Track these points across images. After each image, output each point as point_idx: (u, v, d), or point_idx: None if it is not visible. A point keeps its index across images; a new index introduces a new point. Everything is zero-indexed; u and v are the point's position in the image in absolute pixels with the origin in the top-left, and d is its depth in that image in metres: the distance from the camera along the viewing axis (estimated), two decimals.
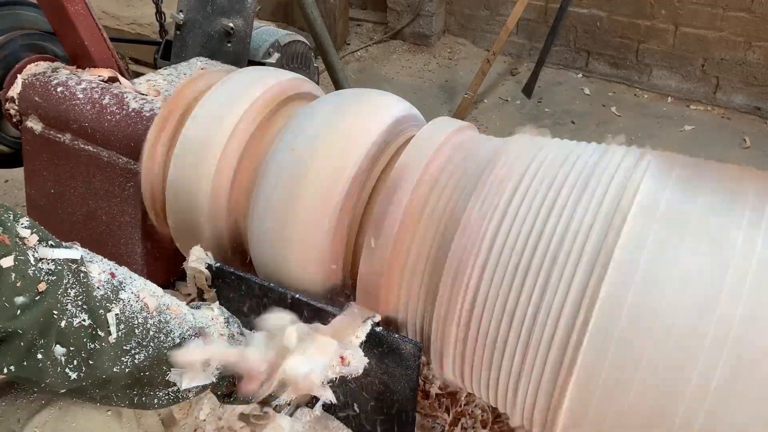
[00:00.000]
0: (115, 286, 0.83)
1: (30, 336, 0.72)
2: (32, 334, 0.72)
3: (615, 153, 1.12)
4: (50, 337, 0.74)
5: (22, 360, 0.73)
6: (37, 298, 0.72)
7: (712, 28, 3.67)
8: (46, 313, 0.73)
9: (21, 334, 0.71)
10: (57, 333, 0.75)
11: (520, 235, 1.06)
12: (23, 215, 0.77)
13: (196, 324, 0.92)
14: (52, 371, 0.76)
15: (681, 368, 0.91)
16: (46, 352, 0.74)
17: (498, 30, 3.90)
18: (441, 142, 1.25)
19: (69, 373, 0.77)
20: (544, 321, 1.01)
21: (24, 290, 0.71)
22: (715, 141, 3.49)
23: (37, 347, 0.73)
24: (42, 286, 0.73)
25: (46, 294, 0.73)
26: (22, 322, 0.70)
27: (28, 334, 0.72)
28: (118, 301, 0.82)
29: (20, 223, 0.76)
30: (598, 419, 0.99)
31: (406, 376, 1.21)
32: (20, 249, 0.73)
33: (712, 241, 0.94)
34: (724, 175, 1.04)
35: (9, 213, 0.75)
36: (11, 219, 0.74)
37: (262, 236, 1.29)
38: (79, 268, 0.79)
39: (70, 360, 0.77)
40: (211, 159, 1.34)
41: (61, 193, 1.75)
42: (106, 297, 0.81)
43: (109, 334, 0.79)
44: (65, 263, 0.77)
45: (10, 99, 1.78)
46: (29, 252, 0.74)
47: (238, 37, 2.08)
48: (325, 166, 1.23)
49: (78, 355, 0.77)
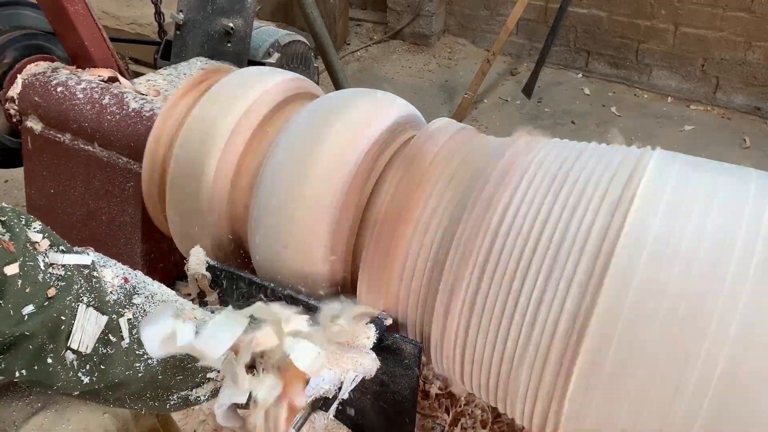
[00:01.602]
0: (129, 291, 0.83)
1: (39, 340, 0.72)
2: (41, 338, 0.72)
3: (620, 147, 1.13)
4: (60, 341, 0.74)
5: (32, 364, 0.73)
6: (46, 304, 0.73)
7: (712, 28, 3.67)
8: (55, 318, 0.73)
9: (29, 338, 0.71)
10: (68, 338, 0.75)
11: (519, 236, 1.05)
12: (36, 220, 0.77)
13: None
14: (64, 375, 0.76)
15: (685, 360, 0.91)
16: (56, 356, 0.74)
17: (498, 30, 3.90)
18: (442, 143, 1.25)
19: (81, 377, 0.77)
20: (544, 320, 1.01)
21: (33, 295, 0.71)
22: (715, 141, 3.49)
23: (47, 351, 0.74)
24: (51, 291, 0.74)
25: (55, 299, 0.73)
26: (30, 327, 0.71)
27: (37, 338, 0.72)
28: (131, 306, 0.82)
29: (32, 227, 0.76)
30: (599, 420, 0.99)
31: (406, 376, 1.21)
32: (30, 254, 0.73)
33: (723, 201, 0.98)
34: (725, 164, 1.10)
35: (21, 218, 0.75)
36: (21, 224, 0.75)
37: (262, 237, 1.29)
38: (91, 273, 0.79)
39: (82, 364, 0.77)
40: (212, 158, 1.34)
41: (61, 193, 1.75)
42: (119, 302, 0.81)
43: (121, 339, 0.80)
44: (76, 268, 0.77)
45: (10, 99, 1.78)
46: (39, 257, 0.74)
47: (238, 37, 2.08)
48: (325, 166, 1.23)
49: (90, 360, 0.77)
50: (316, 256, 1.24)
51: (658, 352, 0.93)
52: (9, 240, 0.71)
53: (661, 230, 0.96)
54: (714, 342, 0.90)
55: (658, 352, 0.93)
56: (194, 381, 0.89)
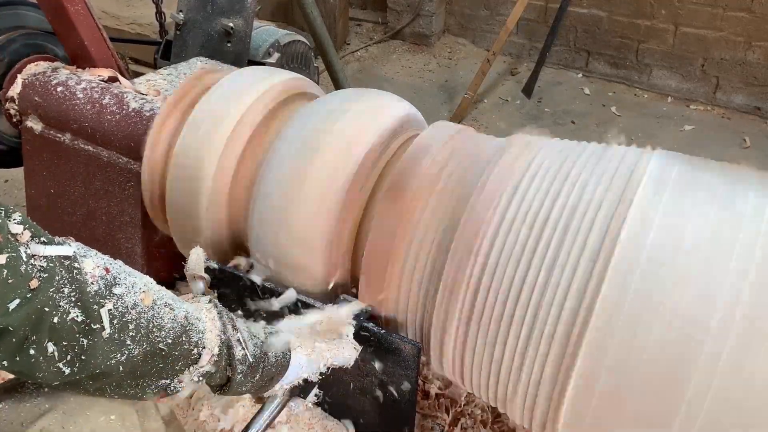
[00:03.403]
0: (109, 281, 0.83)
1: (22, 332, 0.72)
2: (24, 330, 0.72)
3: (620, 148, 1.13)
4: (43, 333, 0.74)
5: (15, 356, 0.73)
6: (29, 296, 0.72)
7: (712, 28, 3.67)
8: (38, 310, 0.73)
9: (12, 331, 0.71)
10: (49, 329, 0.75)
11: (520, 236, 1.05)
12: (15, 211, 0.77)
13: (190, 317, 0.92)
14: (45, 366, 0.76)
15: (686, 361, 0.91)
16: (38, 347, 0.74)
17: (498, 30, 3.91)
18: (442, 144, 1.25)
19: (62, 368, 0.77)
20: (544, 321, 1.01)
21: (16, 287, 0.71)
22: (715, 141, 3.49)
23: (30, 343, 0.73)
24: (34, 283, 0.73)
25: (38, 291, 0.73)
26: (14, 319, 0.70)
27: (19, 330, 0.72)
28: (112, 296, 0.82)
29: (12, 219, 0.75)
30: (598, 420, 0.99)
31: (406, 376, 1.21)
32: (12, 246, 0.72)
33: (722, 203, 0.97)
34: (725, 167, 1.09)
35: (1, 209, 0.75)
36: (2, 216, 0.74)
37: (261, 237, 1.29)
38: (72, 264, 0.78)
39: (63, 355, 0.77)
40: (212, 157, 1.34)
41: (61, 193, 1.75)
42: (100, 293, 0.80)
43: (102, 329, 0.79)
44: (58, 260, 0.77)
45: (10, 99, 1.78)
46: (21, 248, 0.73)
47: (238, 37, 2.08)
48: (325, 167, 1.23)
49: (71, 350, 0.77)
50: (316, 256, 1.24)
51: (657, 354, 0.93)
52: None
53: (658, 236, 0.96)
54: (714, 344, 0.90)
55: (656, 354, 0.93)
56: (174, 369, 0.89)
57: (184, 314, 0.91)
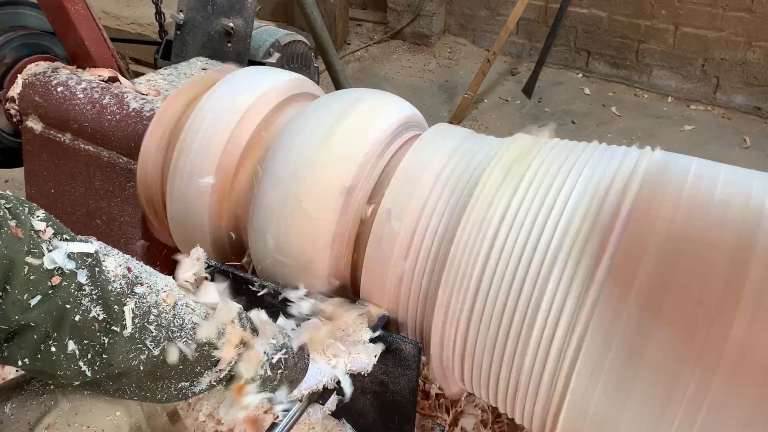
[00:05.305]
0: (131, 280, 0.82)
1: (43, 329, 0.72)
2: (45, 327, 0.72)
3: (620, 148, 1.13)
4: (64, 330, 0.74)
5: (36, 353, 0.73)
6: (50, 292, 0.72)
7: (712, 28, 3.67)
8: (60, 306, 0.73)
9: (34, 327, 0.71)
10: (71, 327, 0.74)
11: (520, 235, 1.06)
12: (39, 208, 0.77)
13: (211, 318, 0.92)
14: (66, 364, 0.75)
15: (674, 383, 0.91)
16: (59, 345, 0.74)
17: (498, 30, 3.91)
18: (442, 144, 1.25)
19: (82, 367, 0.77)
20: (544, 320, 1.01)
21: (37, 283, 0.71)
22: (715, 141, 3.49)
23: (51, 341, 0.73)
24: (56, 279, 0.73)
25: (59, 288, 0.73)
26: (35, 316, 0.70)
27: (41, 327, 0.71)
28: (134, 295, 0.81)
29: (36, 215, 0.76)
30: (598, 420, 0.99)
31: (406, 376, 1.21)
32: (34, 242, 0.72)
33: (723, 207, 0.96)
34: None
35: (25, 206, 0.75)
36: (26, 212, 0.74)
37: (262, 236, 1.29)
38: (94, 262, 0.78)
39: (83, 353, 0.76)
40: (212, 158, 1.34)
41: (61, 193, 1.75)
42: (122, 291, 0.80)
43: (123, 328, 0.79)
44: (79, 257, 0.77)
45: (10, 99, 1.78)
46: (43, 245, 0.73)
47: (238, 37, 2.08)
48: (326, 167, 1.23)
49: (92, 349, 0.77)
50: (317, 255, 1.24)
51: (659, 352, 0.93)
52: (16, 226, 0.71)
53: (661, 235, 0.96)
54: (717, 335, 0.90)
55: (659, 352, 0.93)
56: (194, 372, 0.89)
57: (204, 315, 0.91)
